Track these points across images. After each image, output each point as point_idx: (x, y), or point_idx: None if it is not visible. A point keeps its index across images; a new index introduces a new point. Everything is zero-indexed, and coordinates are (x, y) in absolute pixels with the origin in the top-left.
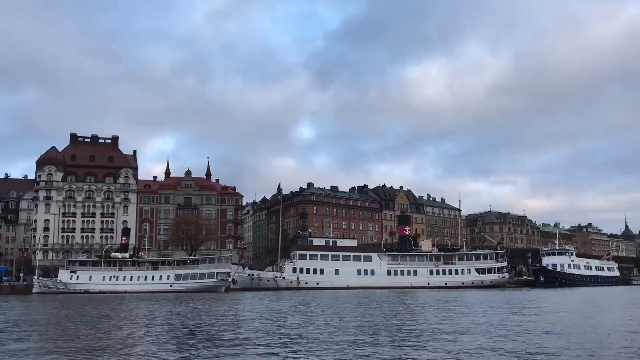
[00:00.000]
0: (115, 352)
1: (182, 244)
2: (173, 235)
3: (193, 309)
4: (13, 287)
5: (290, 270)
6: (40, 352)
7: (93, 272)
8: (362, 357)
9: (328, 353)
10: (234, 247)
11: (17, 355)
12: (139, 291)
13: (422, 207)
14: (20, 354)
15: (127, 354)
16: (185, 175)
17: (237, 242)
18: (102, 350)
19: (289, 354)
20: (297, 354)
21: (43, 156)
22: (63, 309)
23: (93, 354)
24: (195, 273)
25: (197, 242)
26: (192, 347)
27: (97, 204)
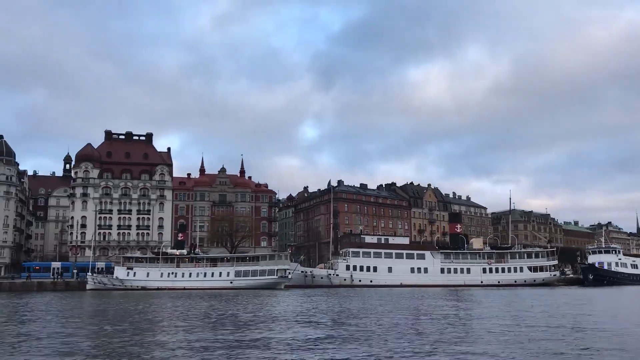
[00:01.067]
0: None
1: (220, 241)
2: (212, 232)
3: (318, 304)
4: (67, 284)
5: (343, 268)
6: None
7: (150, 268)
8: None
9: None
10: (268, 244)
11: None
12: (198, 288)
13: (450, 205)
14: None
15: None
16: (220, 173)
17: (271, 239)
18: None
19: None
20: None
21: (79, 153)
22: (152, 304)
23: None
24: (256, 270)
25: (236, 239)
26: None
27: (133, 200)
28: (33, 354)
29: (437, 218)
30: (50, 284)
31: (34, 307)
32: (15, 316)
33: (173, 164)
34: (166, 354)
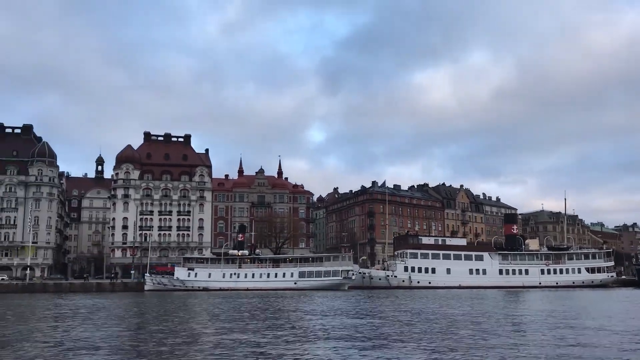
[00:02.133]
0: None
1: (263, 242)
2: (256, 233)
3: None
4: (125, 285)
5: (401, 269)
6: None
7: (212, 269)
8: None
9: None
10: (306, 245)
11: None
12: (261, 288)
13: (482, 206)
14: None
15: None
16: (258, 174)
17: (309, 240)
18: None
19: None
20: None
21: (120, 154)
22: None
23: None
24: (320, 271)
25: (280, 240)
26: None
27: (173, 202)
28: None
29: (470, 219)
30: (108, 285)
31: (148, 307)
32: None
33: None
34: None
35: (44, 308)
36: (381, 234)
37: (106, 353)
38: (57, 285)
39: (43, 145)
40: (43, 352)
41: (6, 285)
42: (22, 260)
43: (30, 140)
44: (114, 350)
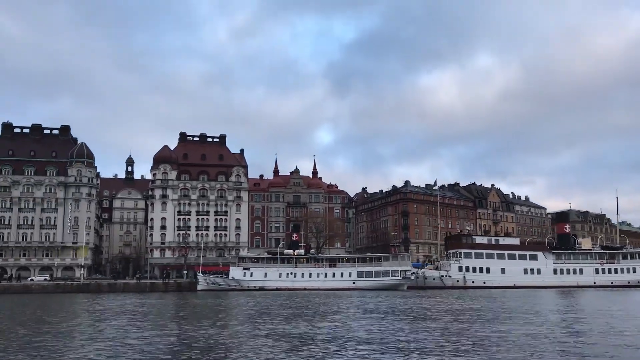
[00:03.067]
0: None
1: (302, 242)
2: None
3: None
4: (179, 284)
5: (456, 269)
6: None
7: (268, 268)
8: None
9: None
10: (342, 245)
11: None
12: (319, 288)
13: (513, 205)
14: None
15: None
16: (294, 173)
17: (345, 240)
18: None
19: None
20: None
21: (157, 155)
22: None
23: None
24: (379, 270)
25: (321, 240)
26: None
27: (210, 202)
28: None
29: (501, 219)
30: (162, 285)
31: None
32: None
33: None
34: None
35: (137, 305)
36: (415, 234)
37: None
38: (112, 286)
39: (81, 146)
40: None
41: (62, 285)
42: (62, 260)
43: (68, 141)
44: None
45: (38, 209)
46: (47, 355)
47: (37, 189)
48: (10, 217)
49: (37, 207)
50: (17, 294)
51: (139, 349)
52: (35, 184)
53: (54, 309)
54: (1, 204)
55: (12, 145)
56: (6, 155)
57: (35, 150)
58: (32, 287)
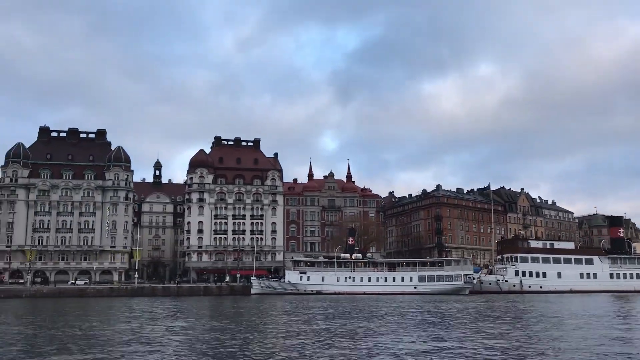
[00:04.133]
0: None
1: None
2: (331, 236)
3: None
4: (232, 288)
5: (512, 274)
6: None
7: (326, 272)
8: None
9: None
10: (377, 249)
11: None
12: (379, 292)
13: (541, 209)
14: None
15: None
16: (328, 177)
17: (380, 244)
18: None
19: None
20: None
21: (194, 158)
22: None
23: None
24: (441, 275)
25: (364, 244)
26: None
27: (247, 206)
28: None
29: (531, 223)
30: (215, 289)
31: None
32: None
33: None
34: None
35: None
36: (449, 238)
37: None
38: (166, 289)
39: (118, 150)
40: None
41: (117, 289)
42: (100, 264)
43: (104, 145)
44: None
45: (76, 213)
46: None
47: (75, 192)
48: (49, 221)
49: (76, 211)
50: (74, 297)
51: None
52: (74, 187)
53: (158, 312)
54: (40, 208)
55: (49, 149)
56: (44, 159)
57: (73, 154)
58: (88, 291)
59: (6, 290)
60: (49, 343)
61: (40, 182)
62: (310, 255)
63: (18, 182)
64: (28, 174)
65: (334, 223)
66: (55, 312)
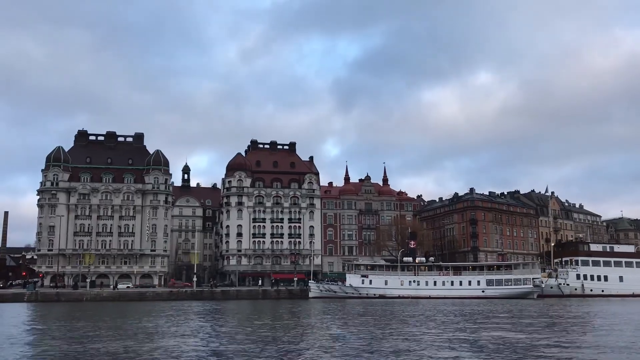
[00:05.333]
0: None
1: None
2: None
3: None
4: (290, 292)
5: (574, 277)
6: None
7: (388, 276)
8: None
9: None
10: (420, 254)
11: None
12: (444, 296)
13: (571, 213)
14: None
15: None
16: (365, 181)
17: (425, 248)
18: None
19: None
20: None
21: (232, 162)
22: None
23: None
24: (510, 279)
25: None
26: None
27: (284, 209)
28: None
29: (561, 227)
30: (273, 292)
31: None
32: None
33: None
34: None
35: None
36: (483, 242)
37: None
38: (225, 293)
39: (157, 154)
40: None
41: (176, 292)
42: (140, 268)
43: (141, 149)
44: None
45: (116, 217)
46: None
47: (115, 196)
48: (90, 225)
49: (116, 215)
50: (135, 301)
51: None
52: (114, 191)
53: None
54: (80, 212)
55: (89, 152)
56: (84, 163)
57: (112, 157)
58: (147, 295)
59: (67, 294)
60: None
61: (80, 186)
62: (348, 259)
63: (59, 185)
64: (68, 177)
65: (370, 227)
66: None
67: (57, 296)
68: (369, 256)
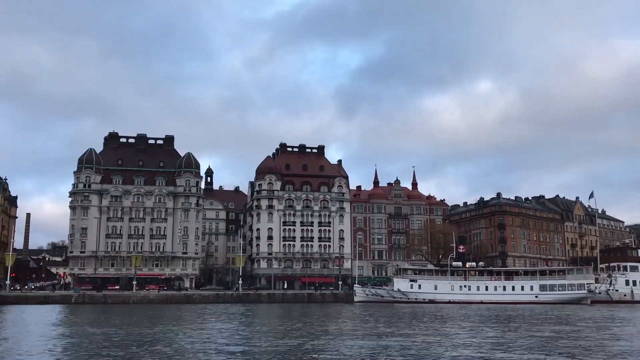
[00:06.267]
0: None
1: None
2: (419, 245)
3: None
4: (335, 295)
5: (622, 283)
6: None
7: (438, 281)
8: None
9: None
10: (444, 257)
11: None
12: (497, 302)
13: (594, 218)
14: None
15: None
16: (395, 185)
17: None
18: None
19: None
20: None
21: (262, 165)
22: None
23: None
24: (564, 284)
25: (445, 252)
26: None
27: (314, 212)
28: None
29: (586, 232)
30: (319, 296)
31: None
32: None
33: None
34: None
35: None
36: (512, 247)
37: None
38: (270, 296)
39: (189, 156)
40: None
41: (222, 295)
42: (172, 270)
43: (172, 151)
44: None
45: (148, 219)
46: None
47: (147, 198)
48: (122, 227)
49: (147, 217)
50: (183, 303)
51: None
52: (146, 193)
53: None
54: (112, 214)
55: (120, 154)
56: (115, 165)
57: (143, 160)
58: (194, 297)
59: (114, 296)
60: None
61: (112, 188)
62: (379, 263)
63: (91, 187)
64: (100, 179)
65: (400, 231)
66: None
67: (104, 298)
68: (398, 260)
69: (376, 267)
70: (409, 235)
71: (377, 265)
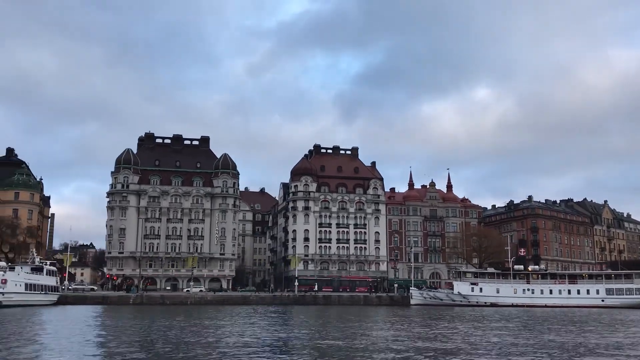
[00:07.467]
0: None
1: (468, 257)
2: (462, 247)
3: None
4: (391, 298)
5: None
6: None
7: (500, 284)
8: None
9: None
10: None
11: None
12: (561, 305)
13: (622, 222)
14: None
15: None
16: (430, 187)
17: (500, 256)
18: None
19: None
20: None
21: (297, 166)
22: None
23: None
24: (630, 288)
25: (486, 255)
26: None
27: (350, 214)
28: None
29: (614, 236)
30: (375, 299)
31: None
32: None
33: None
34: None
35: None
36: (544, 251)
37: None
38: (326, 298)
39: (225, 157)
40: None
41: (279, 297)
42: (210, 271)
43: (208, 152)
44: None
45: (186, 220)
46: None
47: (184, 199)
48: (159, 228)
49: (185, 218)
50: (240, 305)
51: None
52: (183, 194)
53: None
54: (150, 214)
55: (156, 155)
56: (152, 166)
57: (180, 160)
58: (251, 298)
59: (171, 297)
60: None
61: (150, 189)
62: (415, 266)
63: (129, 188)
64: (138, 180)
65: (436, 234)
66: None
67: (162, 299)
68: (435, 264)
69: (412, 270)
70: (444, 238)
71: (413, 268)
